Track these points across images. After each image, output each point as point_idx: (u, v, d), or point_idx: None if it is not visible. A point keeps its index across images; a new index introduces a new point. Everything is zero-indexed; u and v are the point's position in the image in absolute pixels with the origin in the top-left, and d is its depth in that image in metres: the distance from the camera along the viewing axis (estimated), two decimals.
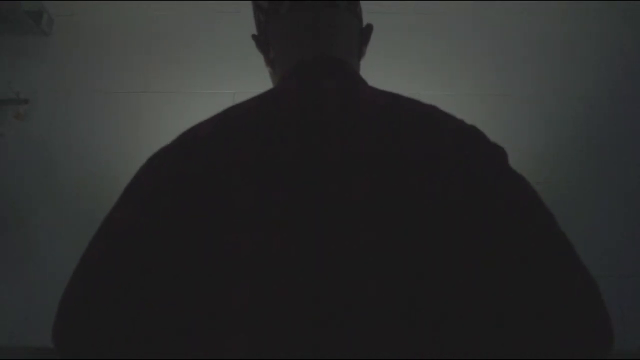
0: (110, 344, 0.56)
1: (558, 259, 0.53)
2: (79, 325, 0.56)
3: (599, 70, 1.95)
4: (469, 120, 1.88)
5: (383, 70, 1.88)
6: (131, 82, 1.89)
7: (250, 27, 1.87)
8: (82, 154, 1.82)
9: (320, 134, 0.59)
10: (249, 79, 1.85)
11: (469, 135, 0.62)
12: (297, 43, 0.71)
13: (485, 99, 1.90)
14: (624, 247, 1.76)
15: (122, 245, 0.58)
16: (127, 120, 1.85)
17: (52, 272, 1.70)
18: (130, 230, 0.59)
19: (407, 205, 0.54)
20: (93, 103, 1.87)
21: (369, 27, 0.78)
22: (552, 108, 1.90)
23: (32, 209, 1.77)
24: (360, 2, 1.61)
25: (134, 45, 1.93)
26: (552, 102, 1.91)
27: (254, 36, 0.78)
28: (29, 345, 1.57)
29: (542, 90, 1.92)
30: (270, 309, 0.53)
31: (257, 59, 1.87)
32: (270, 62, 0.77)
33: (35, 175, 1.80)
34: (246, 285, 0.54)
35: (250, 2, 2.01)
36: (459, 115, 1.86)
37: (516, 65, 1.95)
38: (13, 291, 1.68)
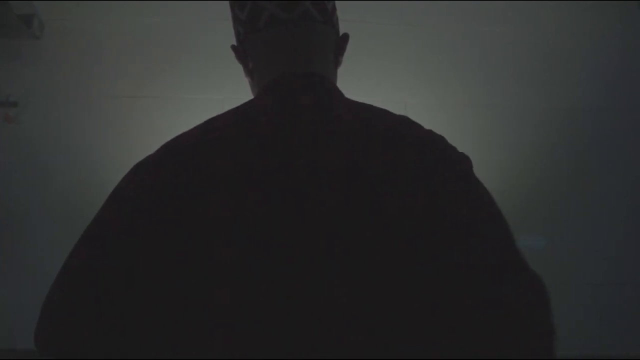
0: (92, 347, 0.58)
1: (507, 267, 0.57)
2: (60, 330, 0.58)
3: (588, 81, 1.99)
4: (457, 130, 1.90)
5: (370, 80, 1.91)
6: (122, 86, 1.90)
7: None
8: (73, 158, 1.82)
9: (294, 149, 0.63)
10: (238, 85, 1.86)
11: (435, 146, 0.66)
12: (275, 58, 0.74)
13: (473, 109, 1.93)
14: (611, 255, 1.79)
15: (104, 252, 0.61)
16: (118, 124, 1.86)
17: (42, 275, 1.70)
18: (113, 237, 0.61)
19: (373, 216, 0.58)
20: (84, 107, 1.87)
21: (345, 37, 0.80)
22: (541, 118, 1.94)
23: (22, 212, 1.77)
24: (344, 11, 1.63)
25: (124, 50, 1.94)
26: (541, 112, 1.95)
27: (233, 47, 0.80)
28: (14, 348, 1.58)
29: (531, 101, 1.96)
30: (248, 312, 0.56)
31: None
32: (249, 72, 0.79)
33: (26, 178, 1.80)
34: (225, 290, 0.57)
35: None
36: (447, 125, 1.88)
37: (504, 75, 1.98)
38: (1, 294, 1.68)
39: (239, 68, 0.82)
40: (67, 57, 1.93)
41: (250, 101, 0.73)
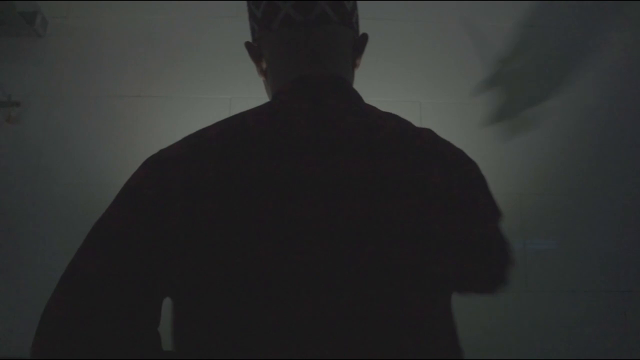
0: None
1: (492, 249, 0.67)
2: (64, 349, 0.51)
3: (602, 79, 1.93)
4: (469, 127, 1.85)
5: (382, 77, 1.86)
6: (126, 86, 1.86)
7: (248, 32, 1.84)
8: (76, 159, 1.78)
9: (318, 153, 0.60)
10: (245, 84, 1.82)
11: (455, 161, 0.67)
12: (290, 60, 0.70)
13: (485, 107, 1.88)
14: (628, 261, 1.73)
15: (119, 257, 0.54)
16: (122, 124, 1.82)
17: (43, 280, 1.66)
18: (132, 241, 0.55)
19: (394, 224, 0.58)
20: (87, 107, 1.84)
21: (364, 38, 0.76)
22: (554, 117, 1.88)
23: (24, 215, 1.73)
24: (358, 9, 1.58)
25: (129, 48, 1.90)
26: (554, 111, 1.89)
27: (247, 44, 0.76)
28: (12, 357, 1.54)
29: (548, 100, 1.90)
30: (290, 320, 0.53)
31: (254, 65, 1.83)
32: (263, 72, 0.76)
33: (28, 178, 1.77)
34: (256, 300, 0.53)
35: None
36: (460, 122, 1.83)
37: (517, 74, 1.92)
38: (1, 295, 1.64)
39: (245, 67, 0.78)
40: (70, 55, 1.89)
41: (270, 104, 0.68)
